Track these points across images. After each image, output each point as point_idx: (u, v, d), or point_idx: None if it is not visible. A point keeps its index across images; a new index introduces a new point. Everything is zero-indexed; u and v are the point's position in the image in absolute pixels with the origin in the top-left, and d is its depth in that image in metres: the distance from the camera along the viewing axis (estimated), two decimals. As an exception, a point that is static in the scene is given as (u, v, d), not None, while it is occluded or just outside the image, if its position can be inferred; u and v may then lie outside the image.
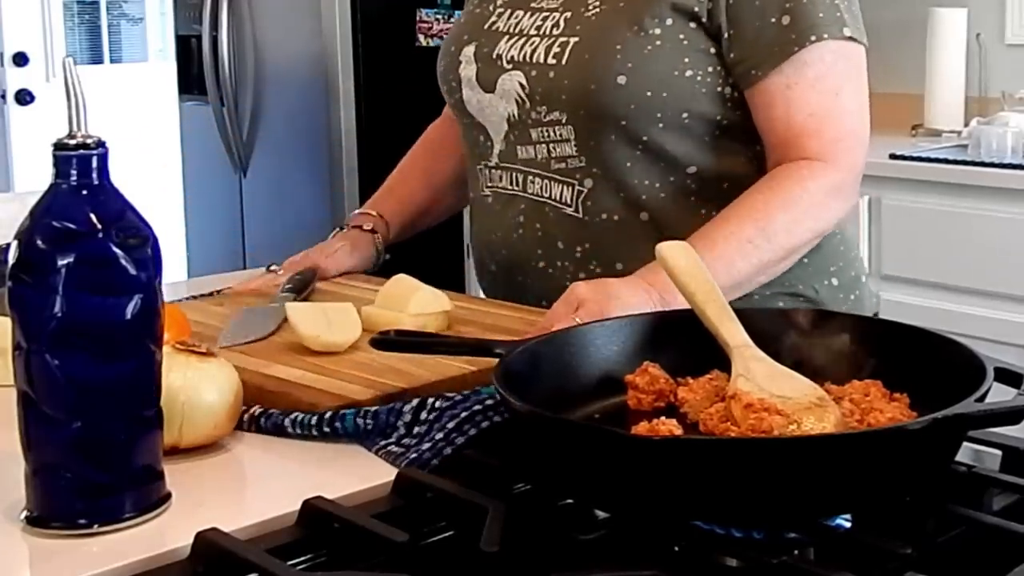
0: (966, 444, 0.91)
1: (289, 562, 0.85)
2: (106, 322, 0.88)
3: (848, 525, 0.87)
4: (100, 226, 0.88)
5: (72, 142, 0.89)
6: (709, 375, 1.04)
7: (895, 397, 0.97)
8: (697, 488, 0.83)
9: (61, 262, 0.86)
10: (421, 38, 3.65)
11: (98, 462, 0.89)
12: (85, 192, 0.89)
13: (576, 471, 0.89)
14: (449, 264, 1.62)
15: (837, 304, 1.51)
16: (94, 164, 0.89)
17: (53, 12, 5.38)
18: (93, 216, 0.88)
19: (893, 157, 3.08)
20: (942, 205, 2.96)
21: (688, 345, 1.06)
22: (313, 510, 0.91)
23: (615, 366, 1.05)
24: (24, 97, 5.07)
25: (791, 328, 1.08)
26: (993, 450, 1.03)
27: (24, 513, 0.91)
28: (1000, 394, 0.88)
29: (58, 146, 0.89)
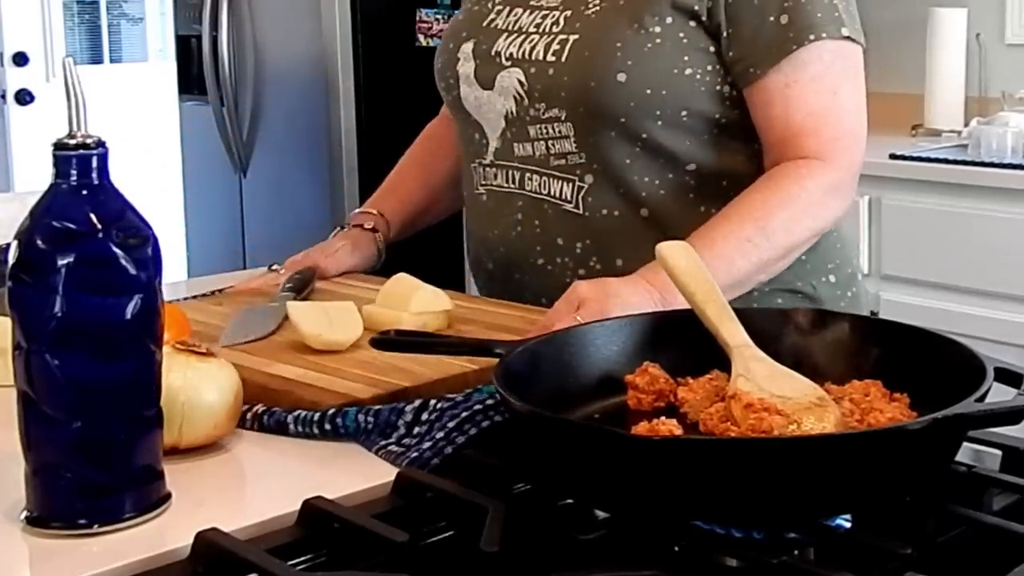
0: (966, 444, 0.91)
1: (289, 562, 0.85)
2: (106, 322, 0.88)
3: (848, 525, 0.87)
4: (100, 226, 0.88)
5: (72, 142, 0.89)
6: (709, 375, 1.04)
7: (895, 397, 0.97)
8: (697, 488, 0.83)
9: (61, 262, 0.86)
10: (421, 38, 3.65)
11: (98, 462, 0.89)
12: (85, 192, 0.89)
13: (576, 471, 0.89)
14: (449, 263, 1.62)
15: (834, 300, 1.52)
16: (94, 164, 0.89)
17: (53, 12, 5.37)
18: (93, 216, 0.88)
19: (893, 157, 3.07)
20: (942, 205, 2.96)
21: (688, 345, 1.06)
22: (313, 510, 0.91)
23: (615, 366, 1.05)
24: (24, 97, 5.07)
25: (791, 328, 1.08)
26: (993, 450, 1.03)
27: (24, 513, 0.91)
28: (1000, 394, 0.88)
29: (58, 146, 0.89)
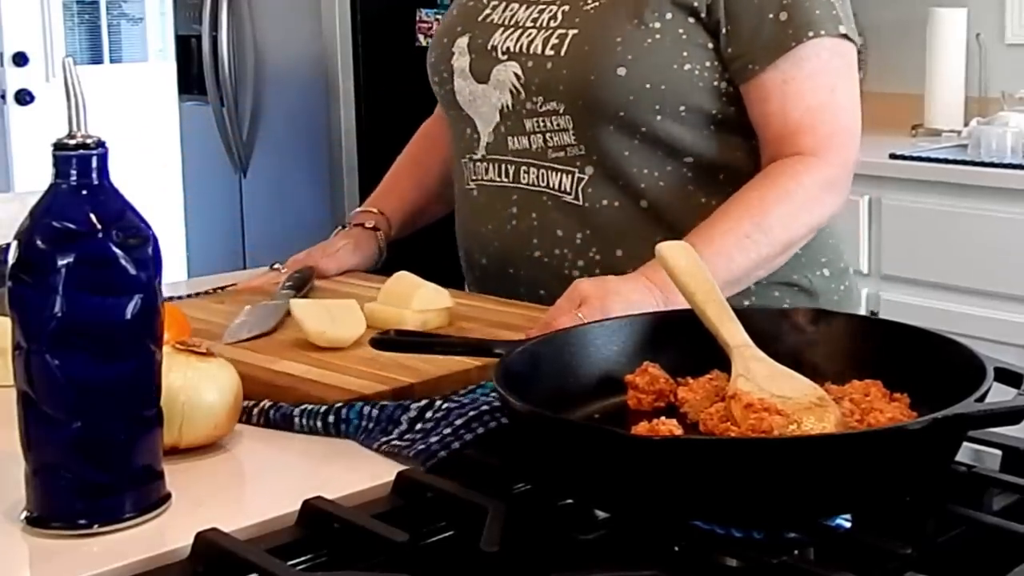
0: (966, 444, 0.91)
1: (289, 562, 0.85)
2: (106, 322, 0.88)
3: (848, 525, 0.87)
4: (100, 226, 0.88)
5: (72, 142, 0.89)
6: (709, 375, 1.04)
7: (895, 397, 0.97)
8: (697, 488, 0.83)
9: (61, 262, 0.86)
10: (421, 38, 3.64)
11: (98, 462, 0.89)
12: (85, 192, 0.89)
13: (576, 471, 0.89)
14: (449, 261, 1.62)
15: (829, 293, 1.55)
16: (94, 164, 0.89)
17: (53, 12, 5.37)
18: (93, 216, 0.88)
19: (893, 157, 3.07)
20: (942, 205, 2.96)
21: (688, 345, 1.06)
22: (313, 510, 0.91)
23: (615, 366, 1.06)
24: (24, 97, 5.07)
25: (791, 328, 1.08)
26: (993, 450, 1.03)
27: (24, 513, 0.91)
28: (1000, 394, 0.88)
29: (58, 146, 0.89)
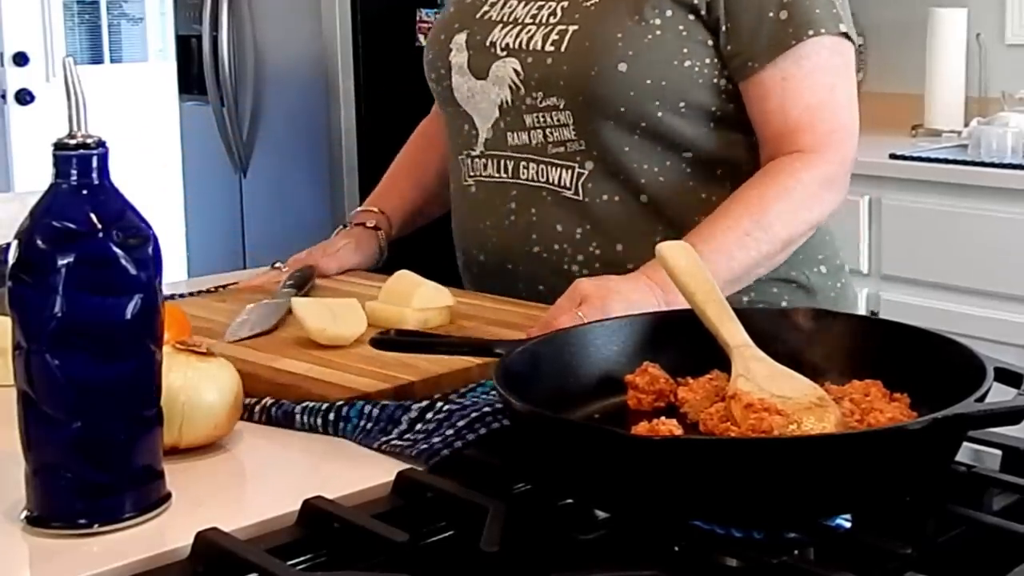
0: (966, 444, 0.91)
1: (289, 562, 0.85)
2: (106, 322, 0.88)
3: (848, 525, 0.87)
4: (100, 226, 0.88)
5: (72, 142, 0.89)
6: (709, 375, 1.04)
7: (895, 397, 0.97)
8: (697, 488, 0.83)
9: (61, 262, 0.86)
10: (421, 38, 3.64)
11: (98, 462, 0.89)
12: (85, 192, 0.89)
13: (576, 471, 0.89)
14: (449, 260, 1.62)
15: (827, 290, 1.56)
16: (94, 164, 0.89)
17: (53, 12, 5.37)
18: (93, 216, 0.88)
19: (893, 157, 3.07)
20: (942, 205, 2.96)
21: (688, 345, 1.06)
22: (313, 510, 0.91)
23: (615, 366, 1.05)
24: (24, 97, 5.07)
25: (791, 328, 1.08)
26: (993, 450, 1.03)
27: (24, 513, 0.91)
28: (1000, 394, 0.88)
29: (58, 146, 0.89)
